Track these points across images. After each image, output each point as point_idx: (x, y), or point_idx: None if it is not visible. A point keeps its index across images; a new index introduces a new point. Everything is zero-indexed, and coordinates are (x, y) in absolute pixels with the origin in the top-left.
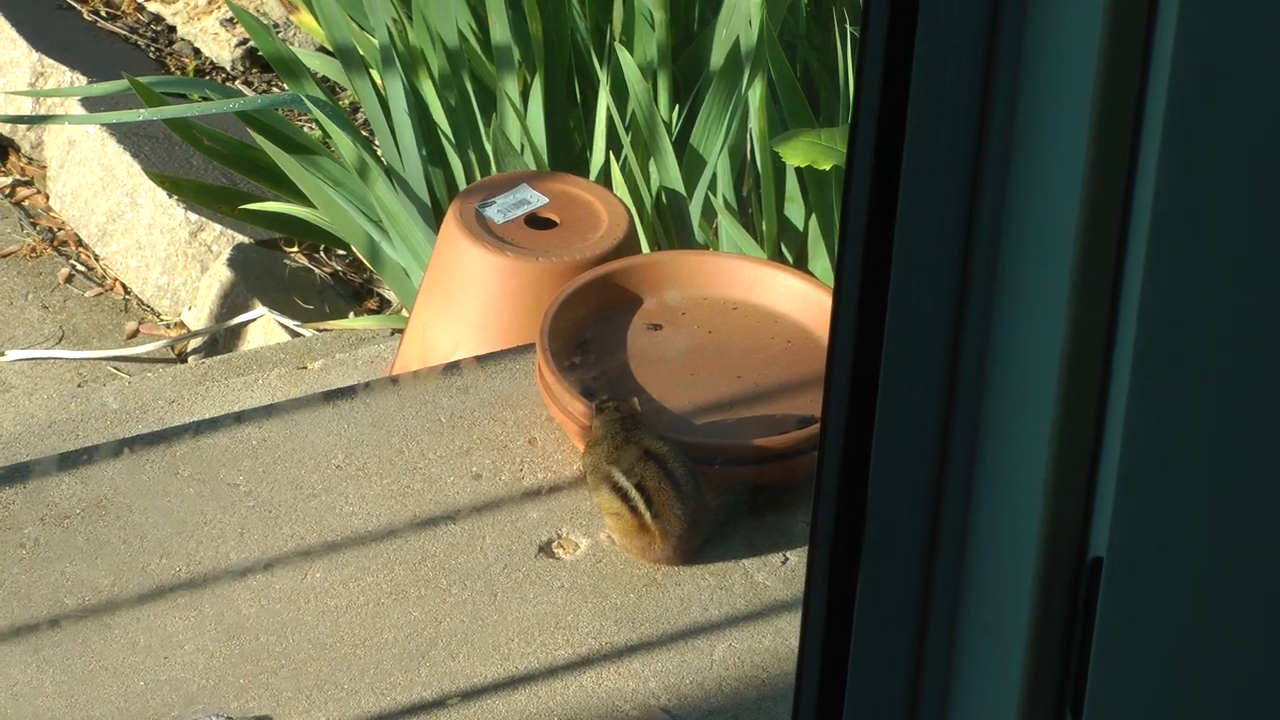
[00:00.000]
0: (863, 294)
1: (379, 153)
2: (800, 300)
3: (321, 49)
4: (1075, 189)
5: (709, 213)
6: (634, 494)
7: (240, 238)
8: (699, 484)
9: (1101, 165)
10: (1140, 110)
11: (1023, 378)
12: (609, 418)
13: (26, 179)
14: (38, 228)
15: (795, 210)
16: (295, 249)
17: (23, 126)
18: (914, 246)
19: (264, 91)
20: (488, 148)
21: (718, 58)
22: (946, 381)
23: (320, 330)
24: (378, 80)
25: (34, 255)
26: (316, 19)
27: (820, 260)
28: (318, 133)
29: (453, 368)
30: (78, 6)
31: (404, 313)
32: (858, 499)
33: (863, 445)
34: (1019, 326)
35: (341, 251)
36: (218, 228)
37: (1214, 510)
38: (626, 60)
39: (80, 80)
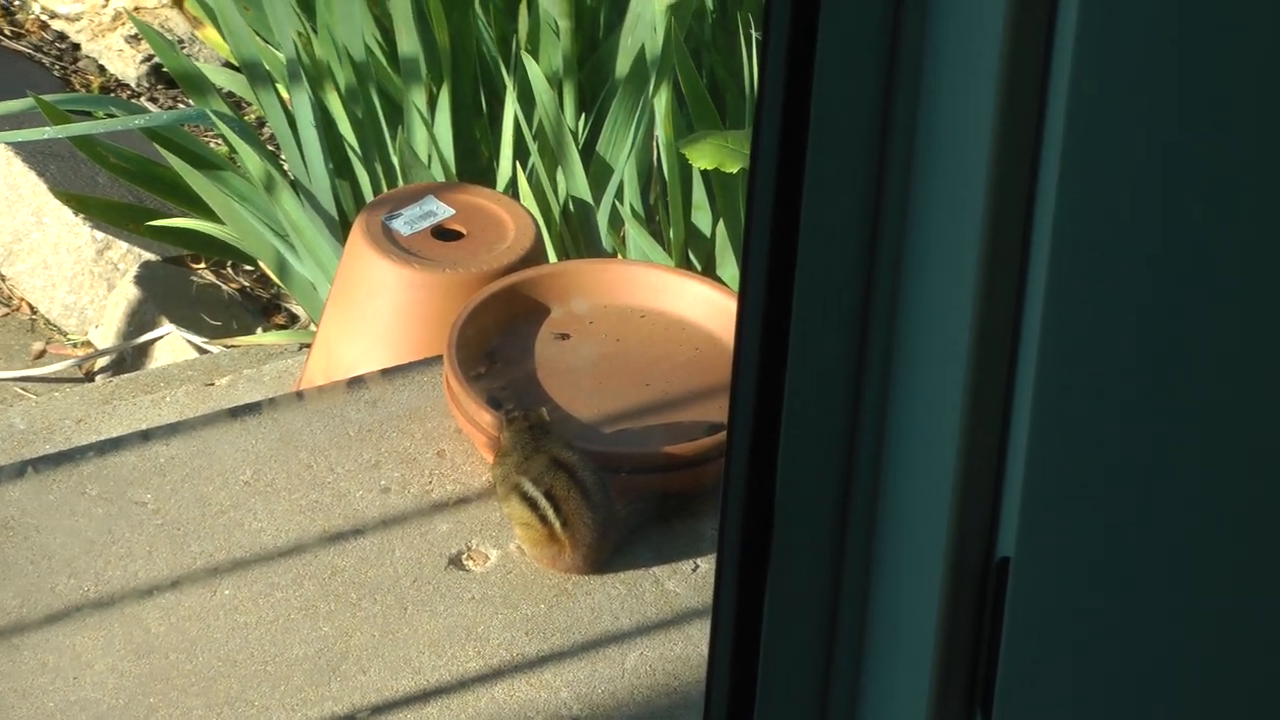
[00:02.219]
0: (767, 299)
1: (285, 167)
2: (708, 307)
3: (227, 64)
4: (979, 189)
5: (616, 221)
6: (543, 503)
7: (147, 255)
8: (608, 493)
9: (1004, 164)
10: (1043, 104)
11: (928, 381)
12: (518, 428)
13: None
14: None
15: (702, 217)
16: (202, 265)
17: None
18: (818, 250)
19: (170, 108)
20: (394, 160)
21: (623, 65)
22: (852, 384)
23: (228, 346)
24: (284, 94)
25: None
26: (221, 34)
27: (728, 267)
28: (224, 148)
29: (359, 381)
30: None
31: (312, 327)
32: (765, 504)
33: (769, 451)
34: (924, 329)
35: (249, 267)
36: (124, 245)
37: (1119, 509)
38: (533, 69)
39: None
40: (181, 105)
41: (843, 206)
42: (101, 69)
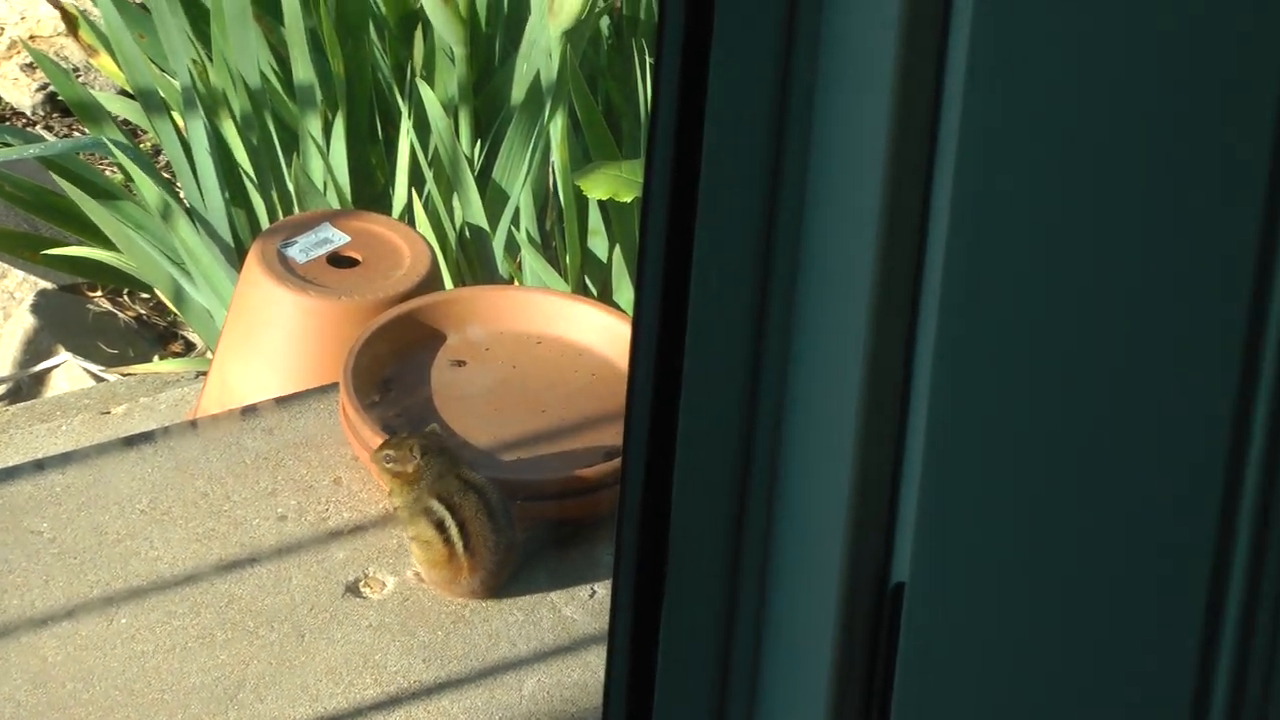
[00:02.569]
0: (661, 324)
1: (181, 195)
2: (604, 333)
3: (122, 92)
4: (873, 213)
5: (512, 247)
6: (449, 522)
7: (43, 283)
8: (512, 518)
9: (898, 187)
10: (936, 116)
11: (823, 406)
12: (430, 455)
13: None
14: None
15: (599, 243)
16: (99, 293)
17: None
18: (711, 277)
19: (65, 136)
20: (290, 187)
21: (519, 92)
22: (747, 409)
23: (124, 375)
24: (179, 122)
25: None
26: (117, 62)
27: (625, 292)
28: (120, 176)
29: (254, 409)
30: None
31: (208, 355)
32: (660, 530)
33: (664, 476)
34: (818, 354)
35: (145, 295)
36: (20, 274)
37: (1014, 534)
38: (428, 96)
39: None
40: (77, 133)
41: (736, 232)
42: None
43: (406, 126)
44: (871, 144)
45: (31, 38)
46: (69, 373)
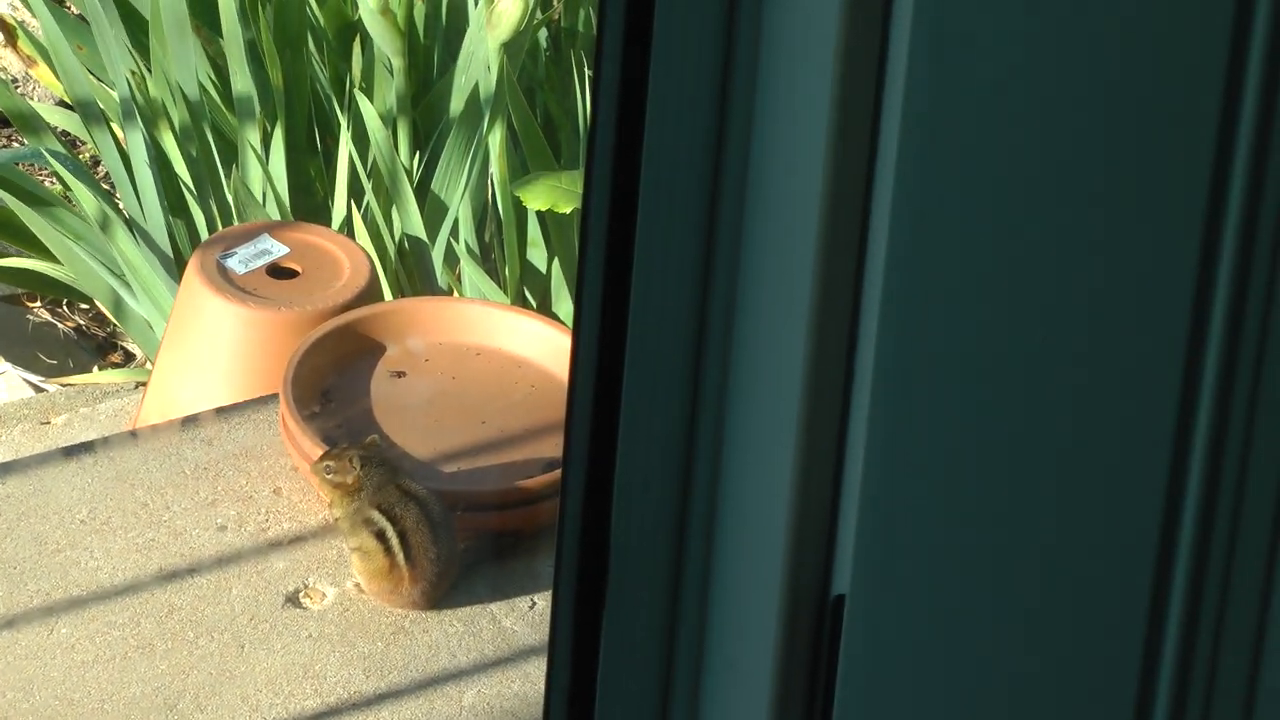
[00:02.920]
0: (601, 336)
1: (120, 205)
2: (543, 344)
3: (61, 103)
4: (812, 226)
5: (451, 259)
6: (390, 532)
7: None
8: (453, 530)
9: (837, 197)
10: (876, 128)
11: (763, 416)
12: (370, 465)
13: None
14: None
15: (538, 254)
16: (38, 304)
17: None
18: (651, 287)
19: (3, 146)
20: (229, 198)
21: (457, 104)
22: (687, 421)
23: (64, 385)
24: (118, 133)
25: None
26: (55, 73)
27: (564, 304)
28: (58, 187)
29: (194, 419)
30: None
31: (148, 365)
32: (601, 541)
33: (604, 487)
34: (758, 366)
35: (85, 305)
36: None
37: (955, 544)
38: (367, 108)
39: None
40: (16, 144)
41: (676, 244)
42: None
43: (345, 138)
44: (811, 155)
45: None
46: (8, 383)
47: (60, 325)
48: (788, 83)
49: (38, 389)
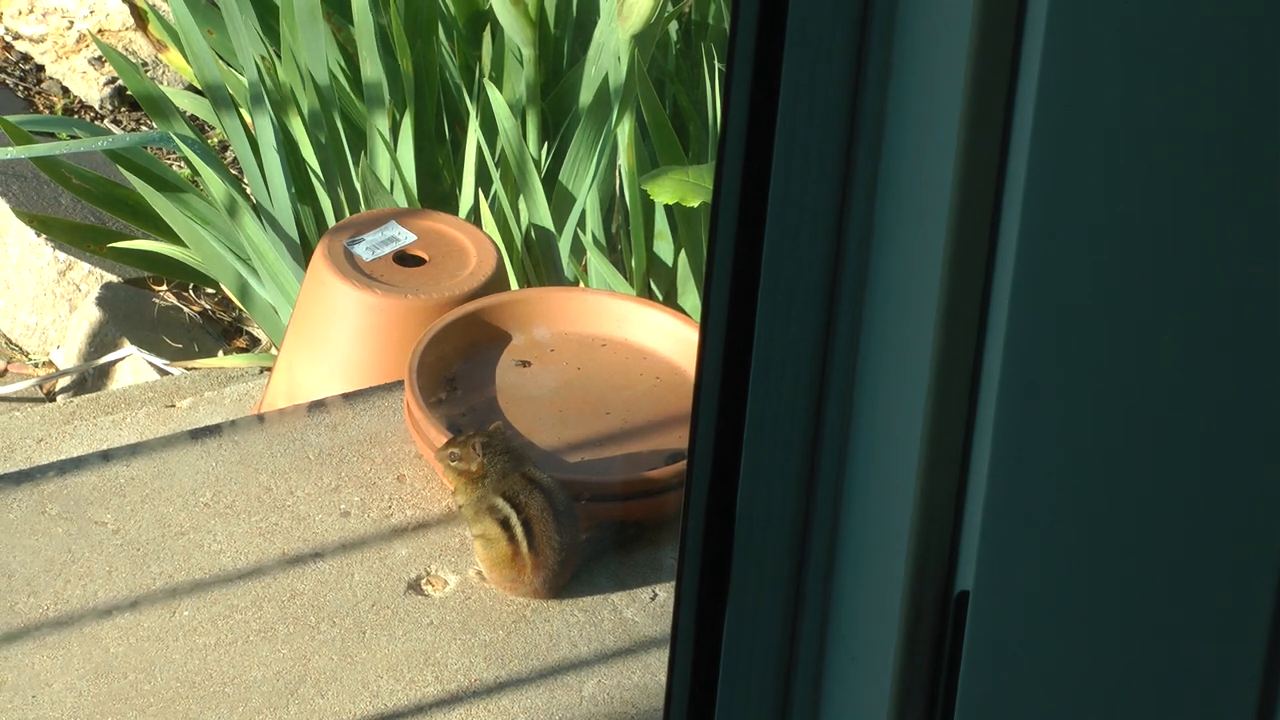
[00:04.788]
0: (729, 330)
1: (248, 191)
2: (669, 337)
3: (190, 87)
4: (942, 220)
5: (578, 250)
6: (514, 520)
7: (109, 276)
8: (576, 519)
9: (968, 193)
10: (1007, 138)
11: (889, 412)
12: (493, 453)
13: None
14: None
15: (664, 247)
16: (164, 288)
17: None
18: (780, 284)
19: (133, 130)
20: (357, 185)
21: (587, 95)
22: (813, 416)
23: (189, 369)
24: (247, 118)
25: None
26: (185, 57)
27: (690, 296)
28: (186, 171)
29: (319, 405)
30: None
31: (273, 351)
32: (725, 534)
33: (729, 480)
34: (885, 361)
35: (210, 290)
36: (86, 266)
37: (1080, 543)
38: (496, 97)
39: None
40: (145, 128)
41: (805, 241)
42: (65, 91)
43: (474, 127)
44: (943, 152)
45: (100, 31)
46: (134, 366)
47: (186, 309)
48: (921, 81)
49: (163, 372)
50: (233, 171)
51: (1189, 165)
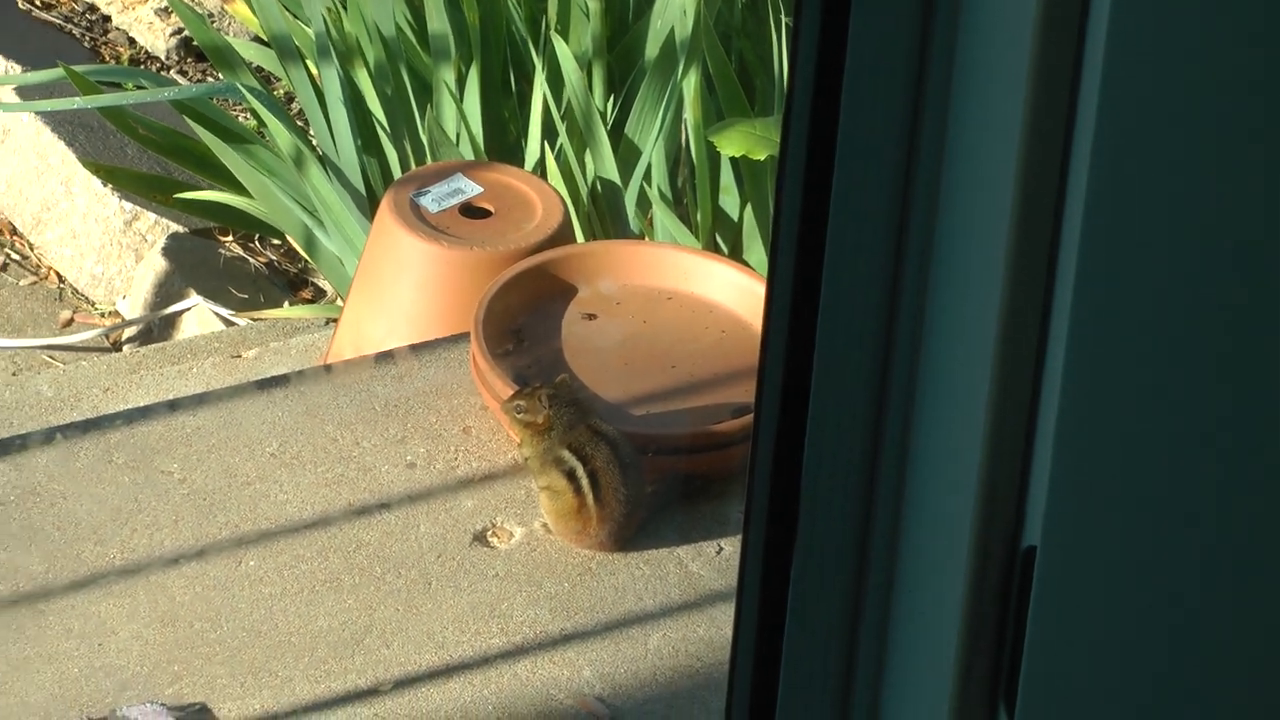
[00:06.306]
0: (796, 284)
1: (314, 142)
2: (735, 290)
3: (256, 39)
4: (1009, 178)
5: (644, 203)
6: (580, 472)
7: (175, 227)
8: (641, 472)
9: (1033, 159)
10: (1075, 94)
11: (956, 366)
12: (559, 404)
13: None
14: None
15: (730, 201)
16: (230, 238)
17: None
18: (847, 236)
19: (199, 81)
20: (423, 137)
21: (653, 48)
22: (880, 370)
23: (255, 319)
24: (313, 70)
25: None
26: (251, 8)
27: (755, 251)
28: (253, 122)
29: (386, 356)
30: None
31: (338, 302)
32: (791, 488)
33: (796, 434)
34: (952, 315)
35: (276, 241)
36: (152, 216)
37: (1148, 498)
38: (562, 50)
39: (14, 69)
40: (211, 79)
41: (872, 194)
42: (131, 41)
43: (540, 80)
44: (1009, 114)
45: None
46: (199, 316)
47: (252, 260)
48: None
49: (228, 323)
50: (298, 123)
51: (1255, 152)
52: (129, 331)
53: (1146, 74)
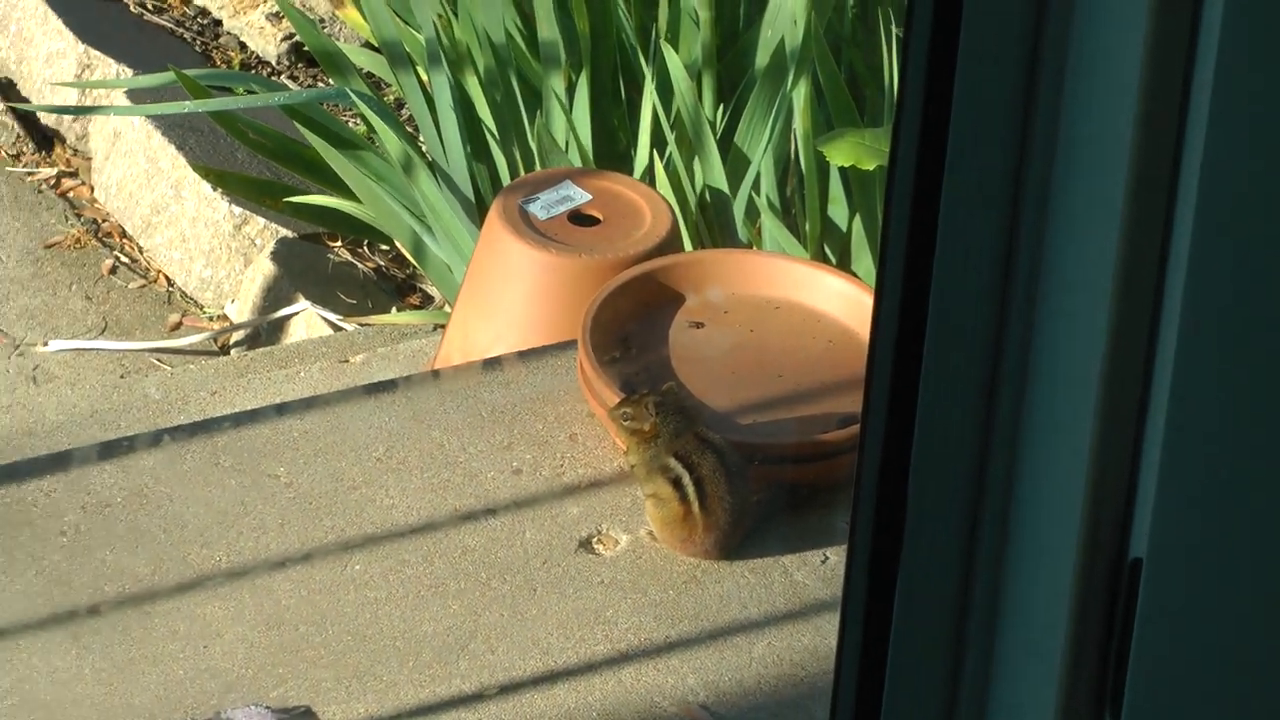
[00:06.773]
0: (904, 295)
1: (423, 148)
2: (842, 300)
3: (367, 44)
4: (1118, 193)
5: (752, 212)
6: (686, 480)
7: (284, 231)
8: (747, 480)
9: (1144, 170)
10: (1184, 109)
11: (1064, 380)
12: (666, 411)
13: (72, 170)
14: (82, 219)
15: (839, 211)
16: (339, 243)
17: (68, 118)
18: (956, 247)
19: (309, 86)
20: (532, 144)
21: (763, 58)
22: (987, 383)
23: (362, 325)
24: (423, 76)
25: (78, 246)
26: (362, 14)
27: (863, 261)
28: (362, 128)
29: (494, 363)
30: None
31: (446, 308)
32: (897, 499)
33: (903, 446)
34: (1060, 328)
35: (385, 246)
36: (261, 221)
37: (1254, 512)
38: (672, 59)
39: (126, 72)
40: (321, 84)
41: (981, 205)
42: (242, 46)
43: (650, 88)
44: (1119, 128)
45: None
46: (307, 321)
47: (360, 265)
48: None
49: (336, 328)
50: (408, 129)
51: None
52: (237, 335)
53: (1259, 78)
